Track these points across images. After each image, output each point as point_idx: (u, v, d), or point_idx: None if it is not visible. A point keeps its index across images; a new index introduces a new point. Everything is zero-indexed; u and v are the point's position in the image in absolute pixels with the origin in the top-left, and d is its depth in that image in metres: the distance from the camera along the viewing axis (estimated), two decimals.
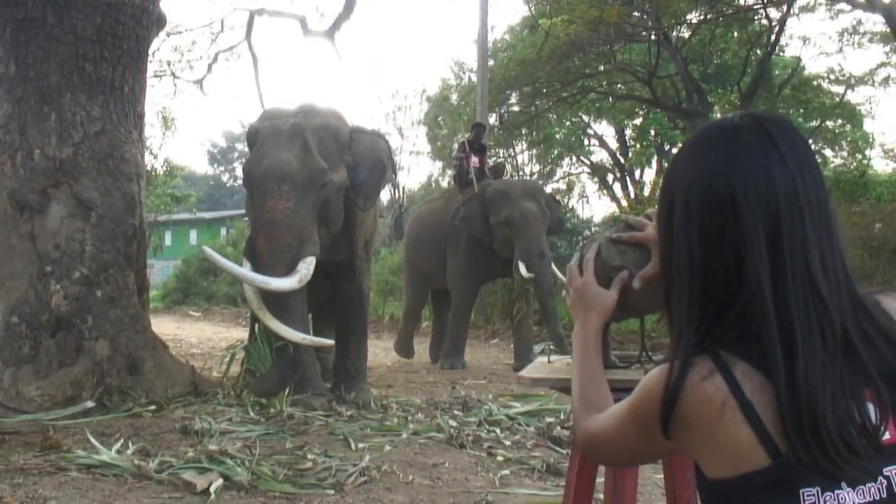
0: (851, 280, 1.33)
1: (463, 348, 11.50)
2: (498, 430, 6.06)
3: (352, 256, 7.53)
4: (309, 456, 5.10)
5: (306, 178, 6.61)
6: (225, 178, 66.29)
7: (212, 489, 4.40)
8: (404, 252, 13.13)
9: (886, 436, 1.26)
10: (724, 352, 1.29)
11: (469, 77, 24.80)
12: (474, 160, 11.80)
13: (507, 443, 5.76)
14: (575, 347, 1.82)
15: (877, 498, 1.24)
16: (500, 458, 5.33)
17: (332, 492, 4.50)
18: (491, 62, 19.99)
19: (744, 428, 1.24)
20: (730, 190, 1.31)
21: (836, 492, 1.22)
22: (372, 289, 10.45)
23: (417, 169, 68.14)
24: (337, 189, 6.91)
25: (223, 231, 39.53)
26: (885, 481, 1.25)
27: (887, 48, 21.20)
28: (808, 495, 1.21)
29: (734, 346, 1.29)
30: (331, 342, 7.19)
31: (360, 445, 5.51)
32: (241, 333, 15.49)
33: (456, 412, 6.77)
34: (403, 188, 30.85)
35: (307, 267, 6.51)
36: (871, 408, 1.25)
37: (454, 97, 26.43)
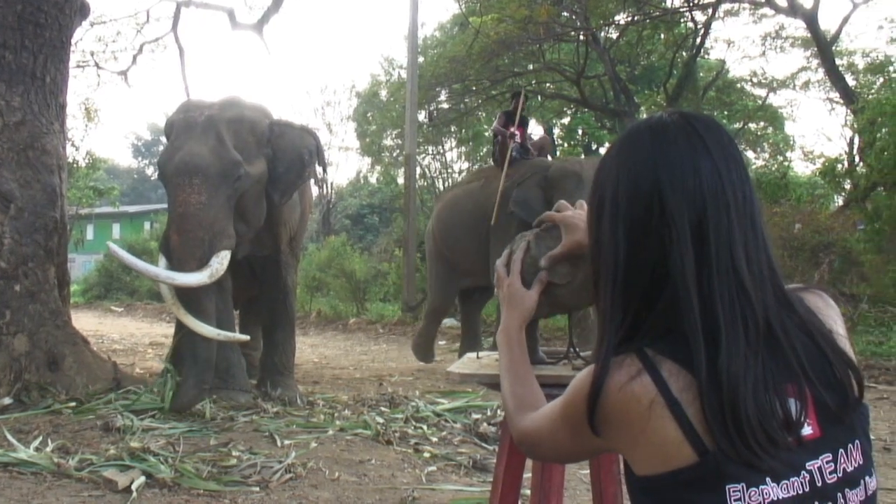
0: (776, 274, 1.35)
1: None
2: (425, 427, 6.07)
3: (276, 251, 7.44)
4: (234, 453, 5.06)
5: (219, 171, 6.44)
6: (149, 171, 65.40)
7: (134, 487, 4.33)
8: (430, 244, 10.87)
9: (808, 431, 1.28)
10: (652, 350, 1.29)
11: (399, 73, 24.78)
12: (516, 134, 10.28)
13: (434, 439, 5.77)
14: (500, 346, 1.85)
15: (800, 492, 1.25)
16: (426, 455, 5.34)
17: (258, 489, 4.46)
18: (421, 59, 19.97)
19: (671, 426, 1.25)
20: (657, 184, 1.32)
21: (761, 487, 1.23)
22: (298, 285, 10.24)
23: (346, 164, 67.77)
24: (254, 182, 6.75)
25: (147, 225, 39.00)
26: (807, 475, 1.26)
27: (808, 53, 21.69)
28: (733, 491, 1.23)
29: (661, 343, 1.30)
30: (246, 337, 7.05)
31: (286, 442, 5.48)
32: (164, 329, 15.32)
33: (383, 409, 6.75)
34: (332, 184, 30.73)
35: (220, 262, 6.35)
36: (792, 402, 1.27)
37: (383, 93, 26.37)
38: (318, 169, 7.60)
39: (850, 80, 18.77)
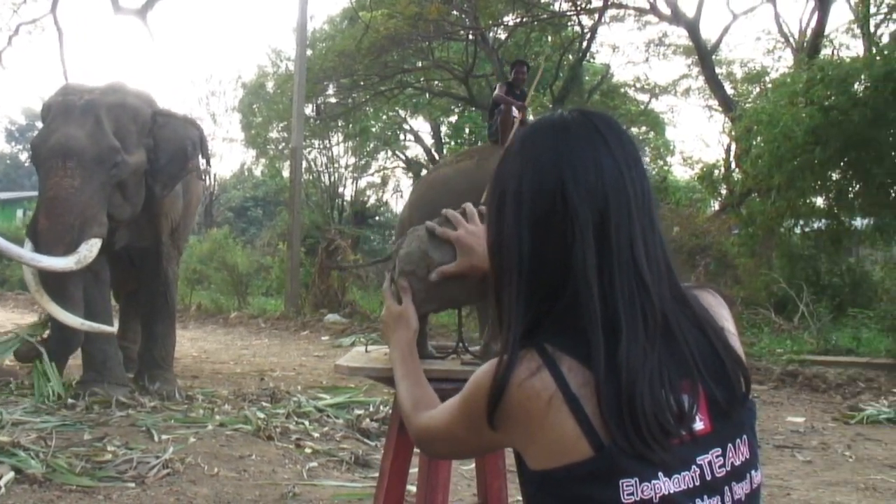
0: (672, 271, 1.38)
1: None
2: (307, 422, 6.03)
3: (157, 243, 7.27)
4: (109, 448, 4.95)
5: (95, 156, 6.27)
6: (23, 157, 63.07)
7: (2, 482, 4.19)
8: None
9: (700, 426, 1.31)
10: (552, 346, 1.30)
11: (286, 66, 24.48)
12: (526, 107, 9.59)
13: (316, 435, 5.74)
14: (394, 361, 1.87)
15: (690, 486, 1.28)
16: (308, 450, 5.31)
17: (133, 485, 4.37)
18: (309, 52, 19.78)
19: (569, 421, 1.26)
20: (559, 179, 1.33)
21: (654, 482, 1.25)
22: (179, 277, 9.97)
23: (230, 156, 66.72)
24: (133, 171, 6.59)
25: (20, 213, 37.62)
26: (697, 470, 1.29)
27: (689, 61, 22.32)
28: (626, 485, 1.24)
29: (561, 339, 1.31)
30: (112, 329, 6.85)
31: (164, 437, 5.38)
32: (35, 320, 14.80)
33: (264, 404, 6.69)
34: (215, 176, 30.22)
35: (89, 249, 6.16)
36: (685, 397, 1.29)
37: (270, 85, 26.04)
38: (202, 161, 7.46)
39: (729, 89, 19.38)
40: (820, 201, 12.84)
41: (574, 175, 1.33)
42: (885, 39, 13.65)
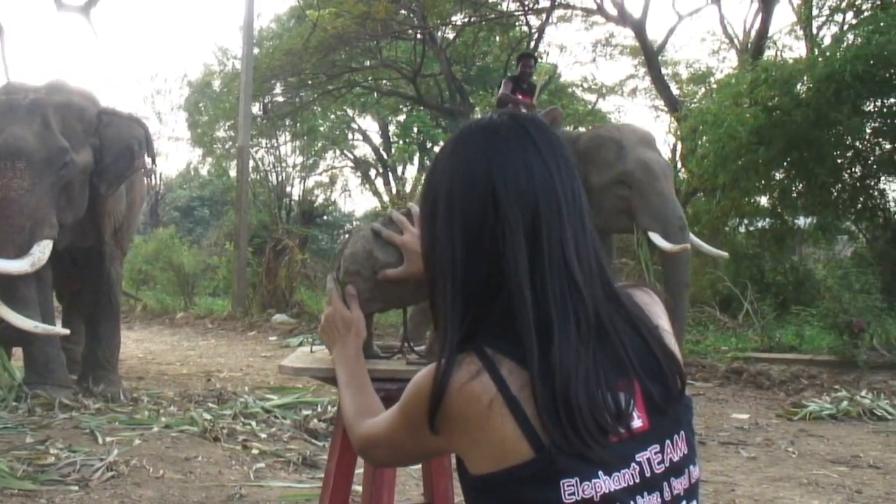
0: (604, 271, 1.39)
1: None
2: (254, 423, 5.99)
3: (100, 243, 7.18)
4: (51, 451, 4.88)
5: (44, 157, 6.22)
6: None
7: None
8: None
9: (638, 423, 1.33)
10: (491, 349, 1.31)
11: (233, 64, 24.24)
12: (533, 105, 9.23)
13: (263, 435, 5.71)
14: (337, 365, 1.88)
15: (630, 483, 1.29)
16: (255, 451, 5.28)
17: (77, 488, 4.32)
18: (256, 50, 19.64)
19: (510, 424, 1.27)
20: (490, 182, 1.34)
21: (594, 480, 1.26)
22: (123, 277, 9.83)
23: (176, 155, 65.95)
24: (80, 171, 6.54)
25: None
26: (637, 467, 1.31)
27: (636, 61, 22.47)
28: (567, 485, 1.25)
29: (500, 342, 1.31)
30: (66, 331, 6.77)
31: (108, 439, 5.31)
32: None
33: (210, 405, 6.63)
34: (161, 175, 29.85)
35: (42, 251, 6.10)
36: (621, 395, 1.31)
37: (217, 84, 25.78)
38: (148, 160, 7.39)
39: (675, 89, 19.55)
40: (764, 201, 13.05)
41: (504, 178, 1.34)
42: (827, 41, 13.90)
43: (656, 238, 7.70)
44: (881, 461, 5.49)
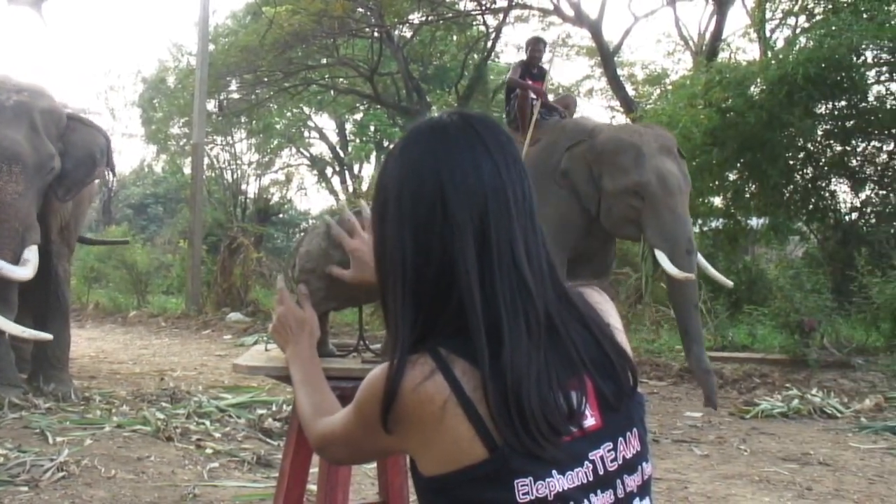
0: (555, 270, 1.40)
1: None
2: (208, 423, 5.95)
3: (46, 241, 7.07)
4: (0, 451, 4.79)
5: (37, 162, 6.27)
6: None
7: None
8: None
9: (592, 422, 1.33)
10: (445, 350, 1.31)
11: (188, 60, 24.03)
12: (536, 99, 8.52)
13: (217, 435, 5.67)
14: (291, 364, 1.86)
15: (584, 482, 1.30)
16: (209, 451, 5.24)
17: (26, 489, 4.26)
18: (212, 47, 19.47)
19: (464, 424, 1.27)
20: (439, 182, 1.34)
21: (548, 479, 1.27)
22: (75, 275, 9.67)
23: (130, 152, 65.28)
24: (55, 176, 6.58)
25: None
26: (590, 465, 1.31)
27: (592, 62, 22.62)
28: (521, 485, 1.25)
29: (454, 342, 1.31)
30: (49, 336, 6.68)
31: (59, 439, 5.26)
32: None
33: (164, 404, 6.58)
34: (114, 171, 29.50)
35: (34, 256, 6.16)
36: (573, 394, 1.31)
37: (171, 80, 25.55)
38: (107, 171, 7.43)
39: (630, 90, 19.68)
40: (718, 201, 13.16)
41: (453, 179, 1.34)
42: (780, 44, 14.10)
43: (662, 259, 7.24)
44: (831, 458, 5.56)
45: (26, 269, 6.05)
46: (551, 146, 7.88)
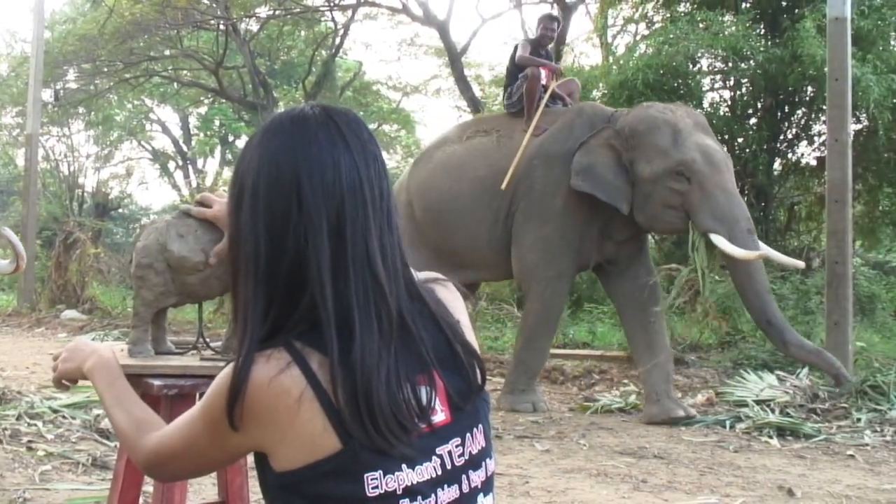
0: (408, 268, 1.41)
1: (537, 376, 7.69)
2: (40, 424, 5.72)
3: None
4: None
5: None
6: None
7: None
8: (408, 223, 7.48)
9: (441, 417, 1.36)
10: (300, 343, 1.30)
11: (22, 48, 23.11)
12: (543, 73, 7.46)
13: (50, 436, 5.46)
14: (100, 384, 1.68)
15: (433, 476, 1.32)
16: (41, 453, 5.04)
17: None
18: (48, 34, 18.78)
19: (319, 417, 1.27)
20: (296, 176, 1.33)
21: (397, 473, 1.28)
22: None
23: None
24: None
25: None
26: (438, 460, 1.34)
27: (440, 62, 22.85)
28: (371, 479, 1.27)
29: (309, 336, 1.31)
30: None
31: None
32: None
33: None
34: None
35: None
36: (423, 390, 1.33)
37: (4, 67, 24.51)
38: None
39: (477, 91, 19.98)
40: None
41: (310, 173, 1.33)
42: (621, 50, 14.52)
43: (722, 242, 6.39)
44: (665, 452, 5.77)
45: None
46: (564, 133, 7.05)
